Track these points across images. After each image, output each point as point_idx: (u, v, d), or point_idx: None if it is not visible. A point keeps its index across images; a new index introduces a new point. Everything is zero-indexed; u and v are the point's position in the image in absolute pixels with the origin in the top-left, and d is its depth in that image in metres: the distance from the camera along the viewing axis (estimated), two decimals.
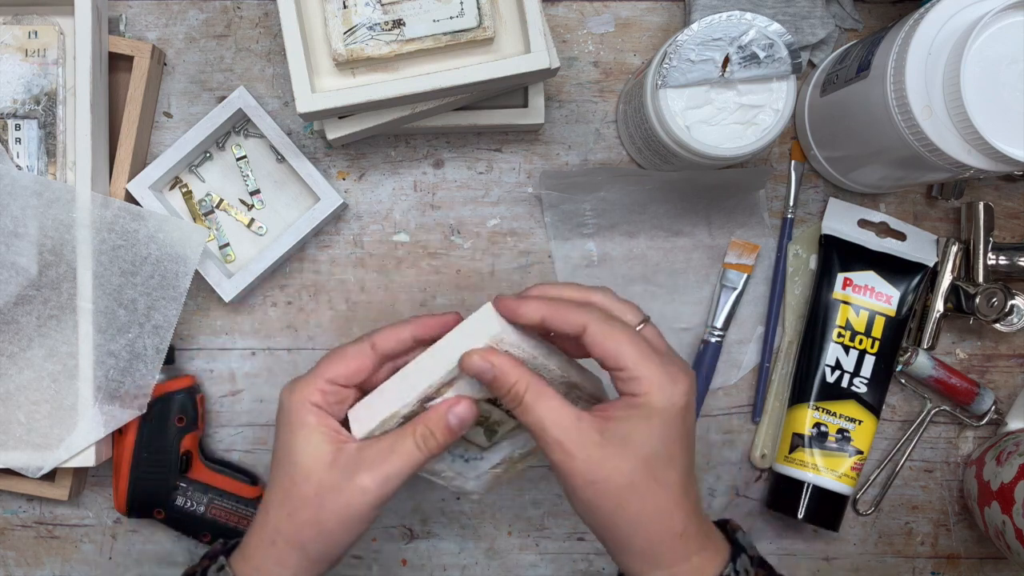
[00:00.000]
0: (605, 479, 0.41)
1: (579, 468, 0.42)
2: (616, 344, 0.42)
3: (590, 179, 0.60)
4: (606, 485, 0.42)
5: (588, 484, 0.42)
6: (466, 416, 0.44)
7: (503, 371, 0.43)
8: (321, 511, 0.44)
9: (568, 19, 0.62)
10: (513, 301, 0.44)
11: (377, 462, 0.44)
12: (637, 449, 0.42)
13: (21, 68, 0.57)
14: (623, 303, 0.45)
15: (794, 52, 0.51)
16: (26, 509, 0.63)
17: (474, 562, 0.63)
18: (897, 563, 0.64)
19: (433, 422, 0.44)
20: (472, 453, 0.50)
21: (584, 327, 0.43)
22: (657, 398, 0.42)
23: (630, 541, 0.43)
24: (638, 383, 0.42)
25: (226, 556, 0.47)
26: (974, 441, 0.64)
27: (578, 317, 0.43)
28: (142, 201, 0.58)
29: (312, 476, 0.44)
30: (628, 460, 0.41)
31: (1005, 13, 0.46)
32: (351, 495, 0.43)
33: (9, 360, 0.57)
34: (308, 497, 0.44)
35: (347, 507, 0.44)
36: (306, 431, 0.45)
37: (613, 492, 0.42)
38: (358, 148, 0.62)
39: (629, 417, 0.42)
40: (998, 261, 0.60)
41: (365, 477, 0.44)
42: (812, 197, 0.63)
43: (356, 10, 0.51)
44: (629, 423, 0.42)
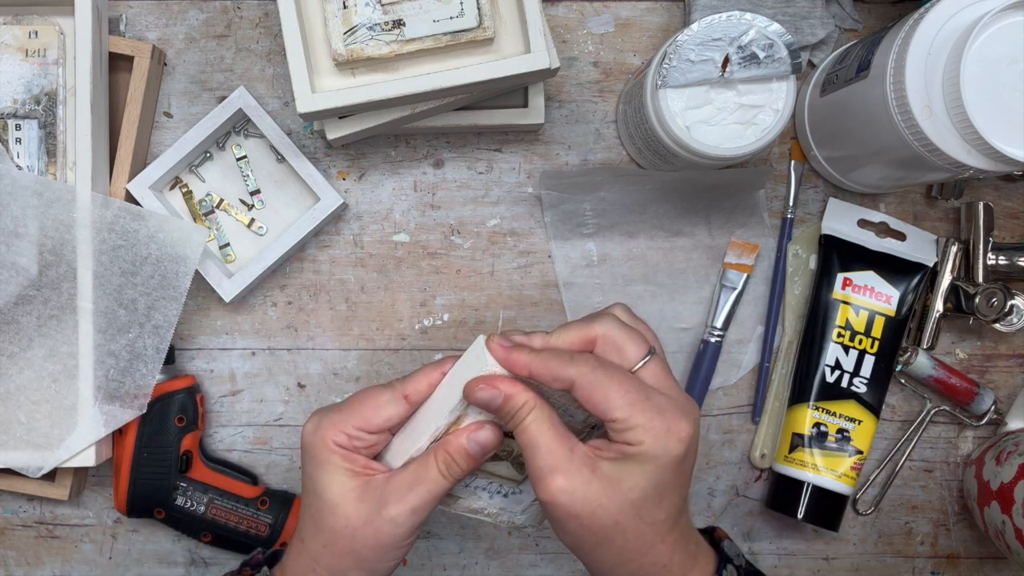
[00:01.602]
0: (589, 515, 0.41)
1: (563, 500, 0.41)
2: (605, 395, 0.40)
3: (590, 179, 0.60)
4: (590, 521, 0.41)
5: (572, 517, 0.41)
6: (486, 441, 0.44)
7: (509, 395, 0.42)
8: (354, 543, 0.44)
9: (568, 19, 0.62)
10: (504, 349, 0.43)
11: (404, 492, 0.44)
12: (626, 493, 0.41)
13: (21, 68, 0.57)
14: (628, 333, 0.43)
15: (794, 52, 0.51)
16: (26, 509, 0.63)
17: (474, 562, 0.63)
18: (897, 563, 0.64)
19: (454, 448, 0.44)
20: (509, 487, 0.49)
21: (572, 383, 0.41)
22: (652, 448, 0.40)
23: (611, 572, 0.43)
24: (632, 433, 0.40)
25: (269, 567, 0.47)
26: (974, 441, 0.64)
27: (565, 371, 0.41)
28: (142, 201, 0.58)
29: (339, 511, 0.44)
30: (615, 501, 0.41)
31: (1005, 13, 0.46)
32: (382, 527, 0.43)
33: (9, 360, 0.57)
34: (339, 530, 0.44)
35: (379, 538, 0.44)
36: (330, 468, 0.44)
37: (596, 528, 0.41)
38: (358, 148, 0.62)
39: (623, 461, 0.41)
40: (998, 261, 0.60)
41: (394, 508, 0.43)
42: (812, 197, 0.63)
43: (356, 10, 0.51)
44: (621, 467, 0.41)
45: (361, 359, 0.62)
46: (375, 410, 0.45)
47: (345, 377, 0.62)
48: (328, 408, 0.46)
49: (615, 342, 0.43)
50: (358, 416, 0.45)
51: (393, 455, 0.46)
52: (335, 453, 0.44)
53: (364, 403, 0.45)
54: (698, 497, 0.63)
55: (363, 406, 0.45)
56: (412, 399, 0.45)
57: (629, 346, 0.43)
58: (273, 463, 0.63)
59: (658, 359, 0.43)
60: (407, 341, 0.62)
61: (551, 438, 0.42)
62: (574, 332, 0.44)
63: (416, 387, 0.45)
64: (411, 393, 0.45)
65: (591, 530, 0.41)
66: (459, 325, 0.62)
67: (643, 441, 0.40)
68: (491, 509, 0.50)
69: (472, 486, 0.48)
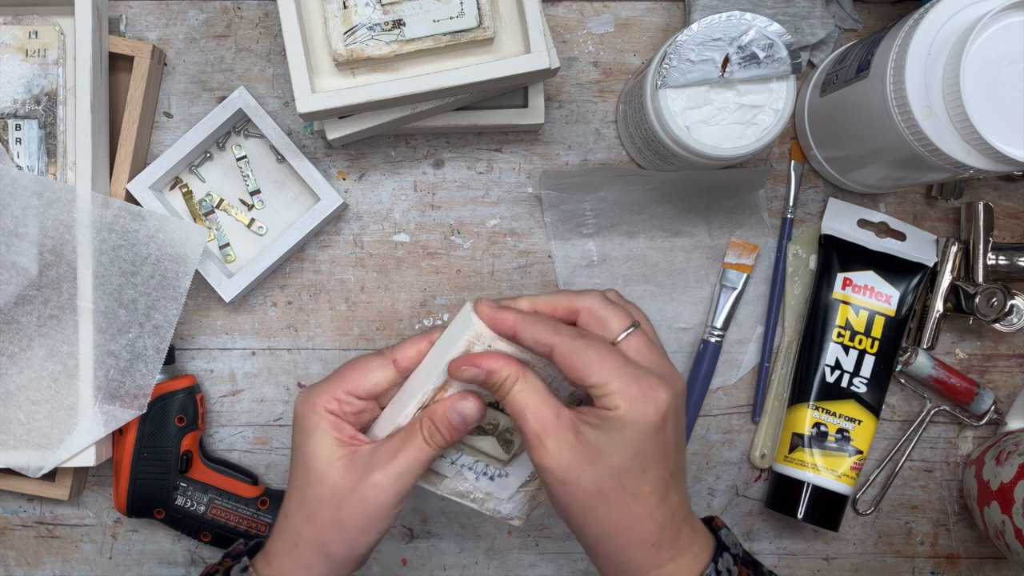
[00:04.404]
0: (575, 481, 0.42)
1: (552, 465, 0.42)
2: (583, 362, 0.41)
3: (590, 179, 0.60)
4: (575, 488, 0.42)
5: (559, 483, 0.42)
6: (468, 412, 0.44)
7: (492, 370, 0.43)
8: (339, 512, 0.44)
9: (568, 19, 0.62)
10: (490, 309, 0.44)
11: (389, 459, 0.44)
12: (606, 459, 0.41)
13: (21, 68, 0.57)
14: (611, 308, 0.44)
15: (794, 52, 0.51)
16: (26, 509, 0.63)
17: (474, 562, 0.63)
18: (897, 563, 0.64)
19: (438, 417, 0.44)
20: (495, 469, 0.49)
21: (551, 348, 0.42)
22: (628, 413, 0.41)
23: (599, 546, 0.43)
24: (610, 399, 0.41)
25: (249, 557, 0.47)
26: (974, 441, 0.64)
27: (547, 337, 0.42)
28: (142, 201, 0.58)
29: (327, 479, 0.44)
30: (597, 469, 0.41)
31: (1005, 13, 0.46)
32: (366, 494, 0.44)
33: (9, 360, 0.57)
34: (325, 499, 0.44)
35: (364, 506, 0.44)
36: (319, 435, 0.45)
37: (582, 496, 0.42)
38: (358, 148, 0.62)
39: (601, 427, 0.42)
40: (998, 261, 0.61)
41: (379, 475, 0.44)
42: (812, 197, 0.63)
43: (356, 10, 0.51)
44: (600, 433, 0.42)
45: None
46: (364, 375, 0.46)
47: None
48: (318, 382, 0.47)
49: (599, 316, 0.44)
50: (348, 381, 0.46)
51: (381, 427, 0.47)
52: (324, 420, 0.45)
53: (354, 369, 0.46)
54: (698, 497, 0.63)
55: (353, 372, 0.46)
56: (400, 364, 0.46)
57: (612, 320, 0.44)
58: (273, 463, 0.63)
59: (641, 332, 0.44)
60: None
61: (538, 403, 0.42)
62: (560, 299, 0.45)
63: (405, 353, 0.46)
64: (400, 359, 0.46)
65: (577, 497, 0.42)
66: None
67: (619, 406, 0.41)
68: (477, 493, 0.50)
69: (458, 464, 0.49)
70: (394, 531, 0.63)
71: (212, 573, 0.47)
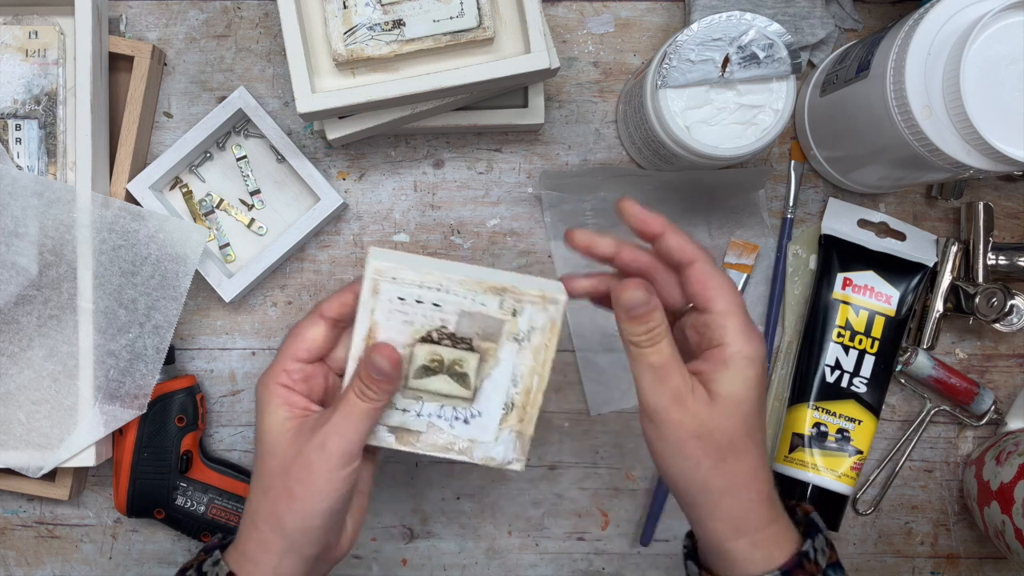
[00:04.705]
0: (709, 434, 0.42)
1: (687, 422, 0.42)
2: (717, 285, 0.43)
3: (590, 179, 0.60)
4: (709, 440, 0.42)
5: (693, 438, 0.42)
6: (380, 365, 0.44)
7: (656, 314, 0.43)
8: (288, 479, 0.44)
9: (568, 19, 0.62)
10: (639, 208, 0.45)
11: (327, 419, 0.44)
12: (739, 406, 0.42)
13: (21, 68, 0.57)
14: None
15: (794, 52, 0.51)
16: (26, 509, 0.63)
17: (474, 562, 0.63)
18: (897, 563, 0.64)
19: (363, 372, 0.44)
20: (464, 411, 0.48)
21: (694, 260, 0.43)
22: (744, 349, 0.42)
23: (721, 502, 0.43)
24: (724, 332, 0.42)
25: (222, 550, 0.47)
26: (974, 441, 0.64)
27: (692, 247, 0.44)
28: (142, 201, 0.58)
29: (276, 449, 0.45)
30: (732, 418, 0.42)
31: (1005, 13, 0.46)
32: (309, 455, 0.44)
33: (9, 360, 0.57)
34: (276, 470, 0.44)
35: (309, 469, 0.43)
36: (271, 409, 0.45)
37: (714, 449, 0.42)
38: (358, 148, 0.62)
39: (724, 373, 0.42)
40: (998, 261, 0.61)
41: (319, 436, 0.44)
42: (812, 197, 0.63)
43: (356, 10, 0.51)
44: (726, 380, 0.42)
45: None
46: (296, 336, 0.46)
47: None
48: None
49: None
50: (288, 349, 0.46)
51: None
52: (275, 395, 0.45)
53: (291, 335, 0.47)
54: None
55: (291, 338, 0.47)
56: (327, 315, 0.46)
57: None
58: None
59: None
60: None
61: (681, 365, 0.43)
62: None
63: (330, 305, 0.47)
64: (325, 310, 0.46)
65: (709, 451, 0.42)
66: None
67: (734, 343, 0.42)
68: (460, 443, 0.48)
69: (425, 414, 0.47)
70: (394, 531, 0.63)
71: (186, 569, 0.47)
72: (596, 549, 0.63)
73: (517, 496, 0.63)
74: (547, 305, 0.45)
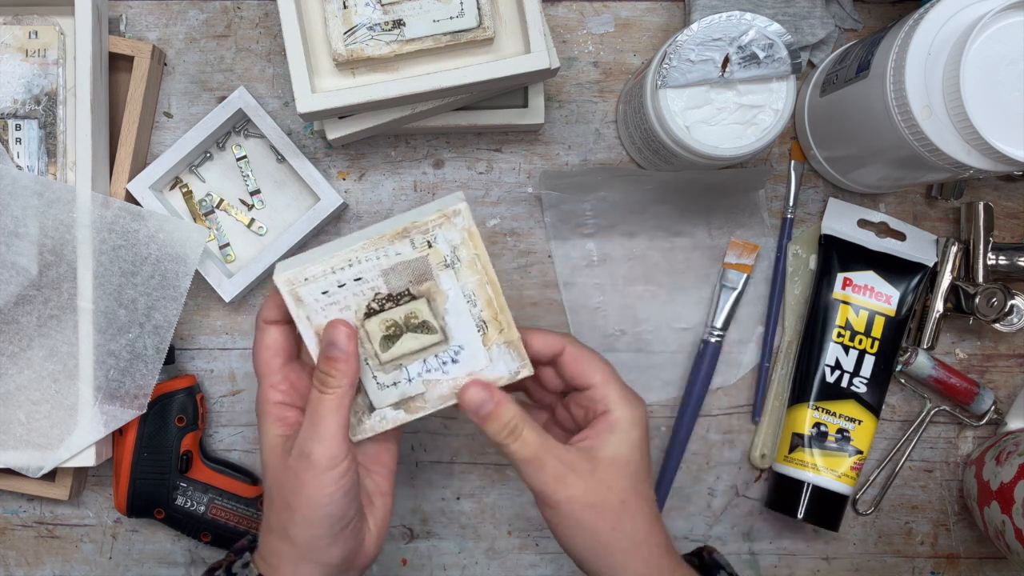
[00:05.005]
0: (602, 501, 0.44)
1: (577, 495, 0.44)
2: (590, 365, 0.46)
3: (590, 179, 0.60)
4: (603, 507, 0.44)
5: (587, 508, 0.44)
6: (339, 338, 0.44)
7: (502, 409, 0.45)
8: (283, 493, 0.45)
9: (568, 19, 0.62)
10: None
11: (304, 427, 0.44)
12: (623, 468, 0.45)
13: (21, 68, 0.57)
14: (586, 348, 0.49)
15: (794, 52, 0.51)
16: (26, 509, 0.63)
17: (474, 562, 0.63)
18: (897, 563, 0.64)
19: (320, 359, 0.44)
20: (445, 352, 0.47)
21: (563, 347, 0.47)
22: (627, 414, 0.45)
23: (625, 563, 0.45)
24: (608, 401, 0.46)
25: (251, 552, 0.48)
26: (974, 441, 0.64)
27: (557, 339, 0.47)
28: (142, 201, 0.58)
29: (270, 467, 0.46)
30: (621, 479, 0.44)
31: (1005, 13, 0.46)
32: (295, 467, 0.44)
33: (9, 360, 0.57)
34: (273, 485, 0.46)
35: (298, 480, 0.44)
36: (265, 428, 0.46)
37: (609, 512, 0.44)
38: (358, 148, 0.62)
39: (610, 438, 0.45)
40: (998, 261, 0.61)
41: (297, 445, 0.44)
42: (812, 197, 0.63)
43: (356, 10, 0.51)
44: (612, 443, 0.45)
45: None
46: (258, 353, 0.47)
47: None
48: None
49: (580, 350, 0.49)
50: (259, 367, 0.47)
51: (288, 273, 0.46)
52: (269, 414, 0.46)
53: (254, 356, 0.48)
54: (698, 497, 0.63)
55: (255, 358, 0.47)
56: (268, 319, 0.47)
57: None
58: None
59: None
60: None
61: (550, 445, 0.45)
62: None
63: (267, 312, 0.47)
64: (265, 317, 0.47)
65: (604, 516, 0.44)
66: None
67: (618, 408, 0.45)
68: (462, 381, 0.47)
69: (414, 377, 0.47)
70: (394, 531, 0.63)
71: (215, 569, 0.48)
72: None
73: (517, 496, 0.63)
74: (453, 219, 0.45)
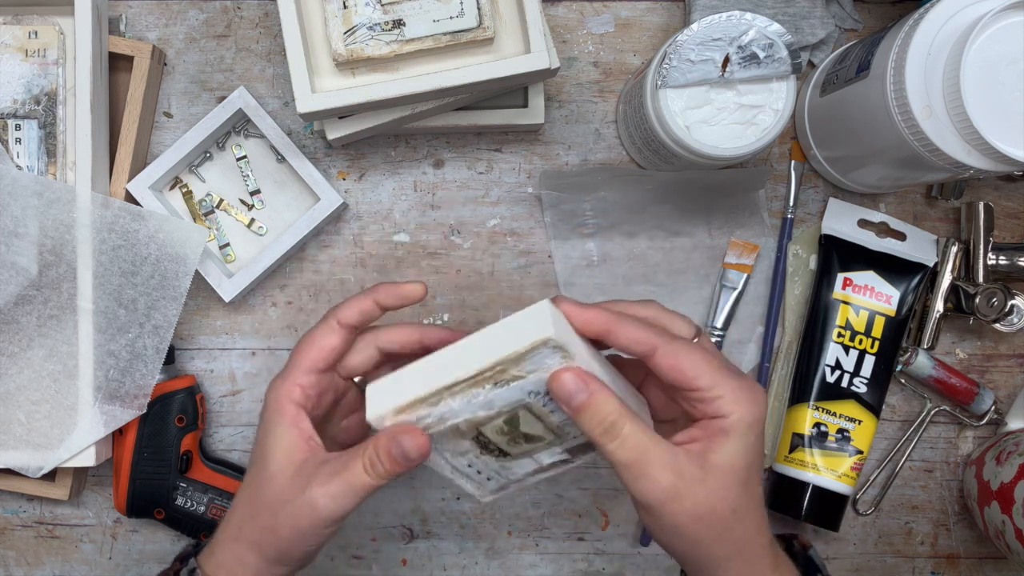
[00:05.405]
0: (710, 511, 0.39)
1: (686, 507, 0.39)
2: (691, 363, 0.39)
3: (590, 179, 0.60)
4: (711, 518, 0.39)
5: (695, 520, 0.39)
6: (411, 450, 0.40)
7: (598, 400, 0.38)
8: (275, 519, 0.43)
9: (568, 19, 0.62)
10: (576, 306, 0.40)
11: (328, 477, 0.42)
12: (737, 475, 0.39)
13: (21, 68, 0.57)
14: (675, 315, 0.43)
15: (794, 52, 0.51)
16: (26, 509, 0.63)
17: (474, 562, 0.63)
18: (897, 563, 0.64)
19: (382, 448, 0.41)
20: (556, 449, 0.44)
21: (655, 349, 0.39)
22: (747, 414, 0.39)
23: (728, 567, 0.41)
24: (720, 403, 0.39)
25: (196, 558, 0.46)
26: (974, 441, 0.64)
27: (648, 337, 0.39)
28: (142, 201, 0.58)
29: (274, 482, 0.43)
30: (732, 489, 0.39)
31: (1005, 13, 0.46)
32: (301, 508, 0.42)
33: (9, 360, 0.57)
34: (267, 503, 0.43)
35: (296, 520, 0.42)
36: (280, 431, 0.44)
37: (718, 523, 0.40)
38: (358, 148, 0.62)
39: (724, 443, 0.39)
40: (998, 261, 0.60)
41: (316, 492, 0.42)
42: (812, 197, 0.63)
43: (356, 10, 0.51)
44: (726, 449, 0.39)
45: None
46: (315, 345, 0.45)
47: None
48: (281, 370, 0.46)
49: (664, 323, 0.42)
50: (304, 359, 0.44)
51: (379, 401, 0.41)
52: (287, 415, 0.44)
53: (306, 344, 0.45)
54: None
55: (306, 347, 0.45)
56: (344, 322, 0.45)
57: (681, 325, 0.43)
58: None
59: (707, 336, 0.43)
60: None
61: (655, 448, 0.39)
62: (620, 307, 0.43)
63: (346, 311, 0.45)
64: (341, 317, 0.45)
65: (713, 525, 0.40)
66: (459, 325, 0.62)
67: (734, 411, 0.39)
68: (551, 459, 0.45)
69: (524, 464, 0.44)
70: (394, 531, 0.63)
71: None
72: (596, 549, 0.63)
73: (517, 496, 0.63)
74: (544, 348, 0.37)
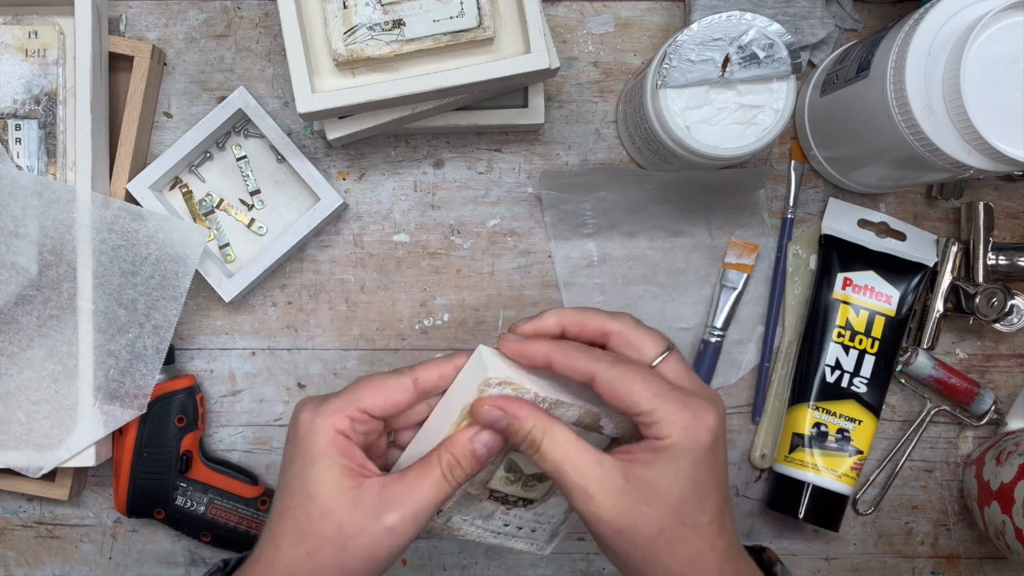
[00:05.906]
0: (632, 528, 0.39)
1: (605, 516, 0.39)
2: (628, 389, 0.40)
3: (590, 179, 0.60)
4: (633, 534, 0.39)
5: (615, 533, 0.39)
6: (492, 443, 0.42)
7: (516, 416, 0.40)
8: (344, 553, 0.40)
9: (568, 19, 0.62)
10: (516, 344, 0.42)
11: (404, 499, 0.41)
12: (664, 495, 0.39)
13: (21, 68, 0.57)
14: (644, 332, 0.43)
15: (794, 52, 0.51)
16: (26, 509, 0.63)
17: (474, 562, 0.63)
18: (897, 563, 0.64)
19: (459, 449, 0.41)
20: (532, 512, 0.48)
21: (593, 376, 0.40)
22: (681, 440, 0.39)
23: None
24: (659, 426, 0.39)
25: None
26: (974, 441, 0.64)
27: (586, 365, 0.41)
28: (142, 201, 0.58)
29: (332, 515, 0.41)
30: (655, 507, 0.39)
31: (1005, 13, 0.46)
32: (379, 538, 0.40)
33: (9, 360, 0.57)
34: (329, 537, 0.40)
35: (373, 550, 0.40)
36: (326, 462, 0.41)
37: (641, 542, 0.39)
38: (358, 148, 0.62)
39: (654, 461, 0.39)
40: (998, 261, 0.60)
41: (392, 516, 0.40)
42: (812, 197, 0.63)
43: (356, 10, 0.51)
44: (654, 468, 0.39)
45: (361, 359, 0.62)
46: (380, 391, 0.43)
47: (346, 377, 0.62)
48: (324, 396, 0.44)
49: (630, 339, 0.43)
50: (362, 398, 0.42)
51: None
52: (334, 444, 0.41)
53: (369, 385, 0.43)
54: None
55: (368, 388, 0.43)
56: (421, 385, 0.43)
57: (647, 342, 0.43)
58: (273, 463, 0.63)
59: (676, 355, 0.43)
60: (407, 341, 0.62)
61: (575, 455, 0.40)
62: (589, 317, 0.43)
63: (426, 374, 0.43)
64: (420, 379, 0.43)
65: (636, 544, 0.39)
66: (459, 325, 0.62)
67: (671, 434, 0.39)
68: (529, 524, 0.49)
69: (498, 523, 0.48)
70: None
71: None
72: (596, 549, 0.63)
73: None
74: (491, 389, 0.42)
